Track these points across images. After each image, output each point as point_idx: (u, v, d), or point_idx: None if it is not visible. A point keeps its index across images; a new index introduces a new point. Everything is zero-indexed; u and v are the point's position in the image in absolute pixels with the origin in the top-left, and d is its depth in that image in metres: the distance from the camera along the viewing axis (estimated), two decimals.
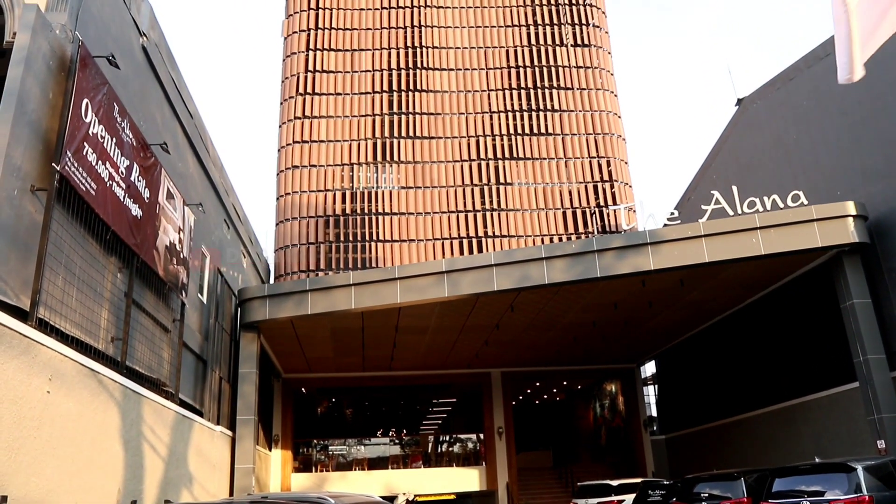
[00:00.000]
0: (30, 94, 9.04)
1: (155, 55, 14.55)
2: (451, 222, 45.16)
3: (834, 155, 21.42)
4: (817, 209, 17.91)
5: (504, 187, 45.91)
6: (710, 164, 29.51)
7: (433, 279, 18.84)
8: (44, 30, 9.48)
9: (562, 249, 18.83)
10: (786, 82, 24.52)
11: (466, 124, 47.17)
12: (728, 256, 17.86)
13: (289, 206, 45.23)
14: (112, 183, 10.89)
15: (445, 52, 48.78)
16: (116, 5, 12.48)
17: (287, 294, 19.52)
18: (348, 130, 46.58)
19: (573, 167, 46.47)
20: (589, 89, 48.19)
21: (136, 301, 12.39)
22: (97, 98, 10.43)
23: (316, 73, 47.55)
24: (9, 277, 8.30)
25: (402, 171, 45.78)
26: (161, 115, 14.93)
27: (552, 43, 49.20)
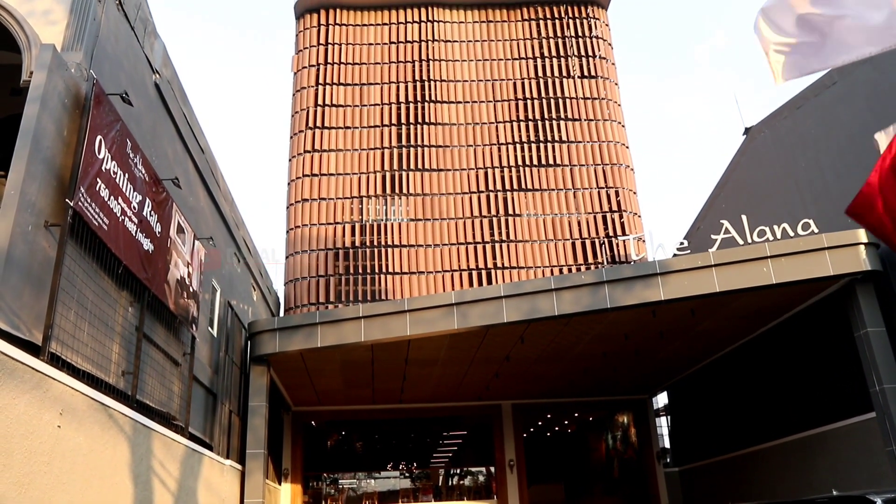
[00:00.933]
0: (45, 131, 9.19)
1: (167, 92, 14.78)
2: (460, 254, 45.21)
3: (844, 183, 21.40)
4: (828, 237, 17.84)
5: (513, 218, 46.00)
6: (718, 193, 29.51)
7: (442, 311, 18.81)
8: (59, 69, 9.67)
9: (571, 281, 18.79)
10: (793, 111, 24.61)
11: (475, 156, 47.46)
12: (739, 286, 17.77)
13: (298, 239, 45.44)
14: (124, 218, 11.00)
15: (453, 85, 49.29)
16: (130, 43, 12.72)
17: (297, 327, 19.52)
18: (357, 163, 46.94)
19: (582, 198, 46.57)
20: (596, 120, 48.48)
21: (147, 335, 12.43)
22: (110, 135, 10.59)
23: (325, 107, 48.07)
24: (22, 312, 8.37)
25: (411, 204, 45.99)
26: (173, 150, 15.12)
27: (559, 75, 49.64)
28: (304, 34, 50.61)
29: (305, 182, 46.37)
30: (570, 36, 50.53)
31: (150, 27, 13.94)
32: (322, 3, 50.56)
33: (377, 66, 49.49)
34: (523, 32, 50.85)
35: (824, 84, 22.79)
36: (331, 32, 50.09)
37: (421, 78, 49.28)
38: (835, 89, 22.08)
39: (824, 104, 22.65)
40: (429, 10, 51.07)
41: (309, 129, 47.51)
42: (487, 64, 50.04)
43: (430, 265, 44.82)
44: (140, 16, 13.24)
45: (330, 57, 49.40)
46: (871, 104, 20.41)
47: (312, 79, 48.88)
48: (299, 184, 46.49)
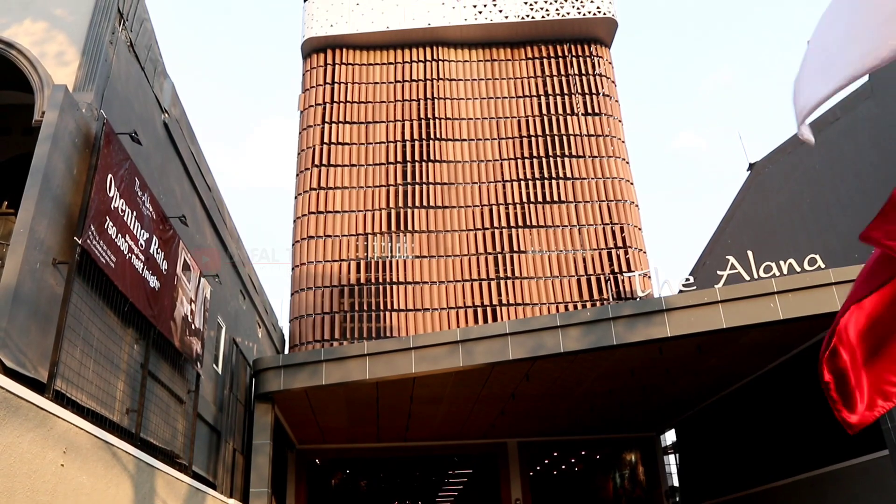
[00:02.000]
0: (55, 170, 9.29)
1: (175, 131, 14.96)
2: (465, 291, 45.16)
3: (849, 218, 21.41)
4: (835, 273, 17.78)
5: (518, 255, 46.03)
6: (724, 228, 29.55)
7: (447, 349, 18.74)
8: (71, 108, 9.82)
9: (577, 318, 18.74)
10: (797, 146, 24.77)
11: (479, 193, 47.69)
12: (746, 322, 17.67)
13: (304, 276, 45.49)
14: (131, 255, 11.06)
15: (458, 122, 49.74)
16: (140, 84, 12.92)
17: (301, 364, 19.46)
18: (363, 201, 47.19)
19: (587, 234, 46.63)
20: (601, 157, 48.77)
21: (151, 372, 12.40)
22: (119, 173, 10.70)
23: (332, 145, 48.52)
24: (28, 350, 8.37)
25: (416, 241, 46.09)
26: (180, 188, 15.25)
27: (563, 112, 50.09)
28: (310, 73, 51.31)
29: (311, 219, 46.60)
30: (573, 74, 51.10)
31: (160, 67, 14.17)
32: (329, 43, 51.35)
33: (383, 105, 50.05)
34: (527, 71, 51.46)
35: (827, 120, 22.94)
36: (337, 71, 50.78)
37: (426, 116, 49.78)
38: (838, 125, 22.22)
39: (828, 140, 22.78)
40: (434, 50, 51.80)
41: (315, 167, 47.89)
42: (492, 102, 50.55)
43: (435, 302, 44.75)
44: (150, 56, 13.47)
45: (336, 96, 50.00)
46: (875, 139, 20.52)
47: (319, 117, 49.42)
48: (305, 221, 46.71)
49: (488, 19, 51.23)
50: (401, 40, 51.56)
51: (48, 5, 11.52)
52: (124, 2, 12.02)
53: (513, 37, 51.97)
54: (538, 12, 51.30)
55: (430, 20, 51.37)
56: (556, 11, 51.17)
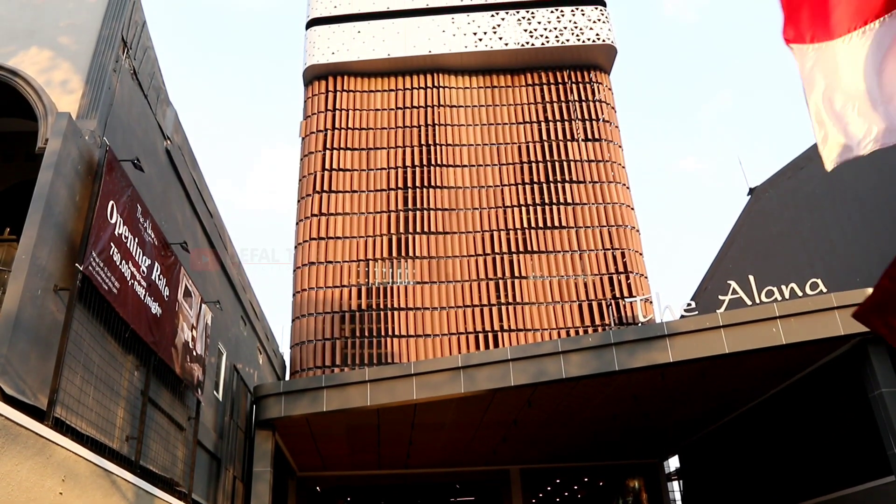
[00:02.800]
0: (58, 197, 9.33)
1: (178, 157, 15.04)
2: (466, 317, 45.05)
3: (850, 241, 21.43)
4: (837, 297, 17.75)
5: (519, 281, 45.99)
6: (725, 253, 29.56)
7: (449, 375, 18.66)
8: (74, 136, 9.88)
9: (578, 343, 18.68)
10: (797, 171, 24.85)
11: (480, 219, 47.78)
12: (748, 347, 17.61)
13: (305, 302, 45.43)
14: (133, 282, 11.06)
15: (459, 149, 49.99)
16: (143, 111, 13.02)
17: (302, 391, 19.36)
18: (364, 227, 47.28)
19: (588, 260, 46.63)
20: (601, 182, 48.93)
21: (152, 399, 12.34)
22: (121, 200, 10.74)
23: (333, 171, 48.72)
24: (28, 377, 8.34)
25: (417, 267, 46.09)
26: (182, 214, 15.29)
27: (563, 138, 50.34)
28: (312, 100, 51.69)
29: (312, 245, 46.65)
30: (573, 100, 51.45)
31: (163, 95, 14.28)
32: (330, 70, 51.79)
33: (384, 131, 50.36)
34: (527, 97, 51.82)
35: None
36: (338, 98, 51.15)
37: (427, 142, 50.04)
38: None
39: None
40: (434, 77, 52.22)
41: (316, 193, 48.05)
42: (492, 128, 50.84)
43: (436, 328, 44.62)
44: (153, 84, 13.59)
45: (337, 122, 50.32)
46: (873, 162, 20.62)
47: (320, 143, 49.69)
48: (306, 247, 46.76)
49: (488, 47, 51.71)
50: (402, 67, 52.00)
51: (54, 34, 11.65)
52: (128, 30, 12.15)
53: (513, 63, 52.42)
54: (538, 39, 51.78)
55: (430, 47, 51.85)
56: (556, 39, 51.65)
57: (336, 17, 53.36)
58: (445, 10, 53.49)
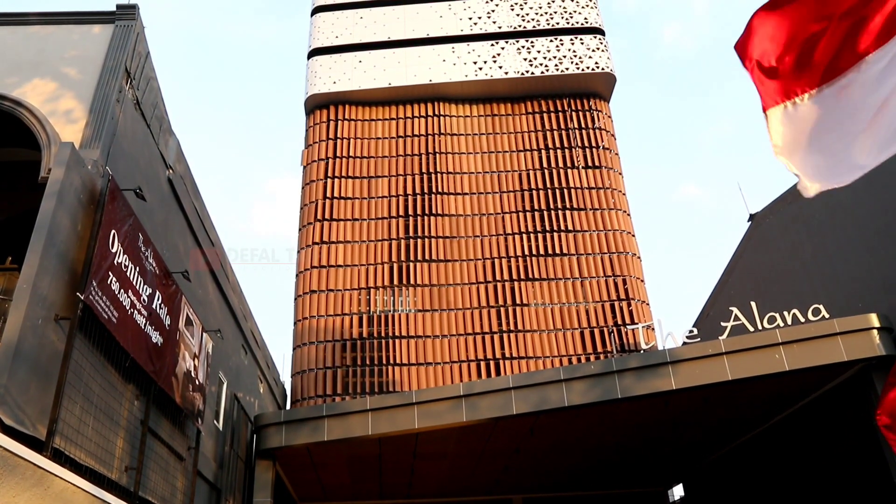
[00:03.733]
0: (60, 226, 9.37)
1: (180, 186, 15.11)
2: (467, 344, 44.89)
3: (852, 267, 21.41)
4: (840, 322, 17.69)
5: (520, 308, 45.89)
6: (726, 280, 29.52)
7: (451, 404, 18.55)
8: (77, 165, 9.95)
9: (581, 371, 18.60)
10: (797, 197, 24.88)
11: (482, 247, 47.81)
12: (751, 374, 17.51)
13: (306, 331, 45.31)
14: (134, 311, 11.05)
15: (460, 177, 50.20)
16: (146, 140, 13.12)
17: (303, 420, 19.23)
18: (365, 255, 47.31)
19: (589, 287, 46.56)
20: (602, 209, 49.04)
21: (151, 429, 12.26)
22: (123, 229, 10.78)
23: (334, 199, 48.89)
24: (27, 407, 8.30)
25: (418, 294, 46.03)
26: (183, 243, 15.32)
27: (564, 165, 50.56)
28: (313, 129, 52.04)
29: (314, 273, 46.64)
30: (573, 128, 51.77)
31: (166, 124, 14.40)
32: (332, 100, 52.21)
33: (385, 160, 50.61)
34: (527, 125, 52.15)
35: None
36: (340, 127, 51.50)
37: (428, 170, 50.27)
38: None
39: (828, 190, 22.91)
40: (435, 105, 52.62)
41: (318, 222, 48.16)
42: (493, 156, 51.10)
43: (437, 356, 44.44)
44: (156, 114, 13.70)
45: (339, 151, 50.60)
46: (871, 188, 20.67)
47: (322, 172, 49.92)
48: (308, 275, 46.75)
49: (488, 75, 52.17)
50: (402, 96, 52.42)
51: (59, 65, 11.79)
52: (132, 61, 12.28)
53: (513, 92, 52.84)
54: (538, 68, 52.25)
55: (431, 76, 52.31)
56: (556, 67, 52.12)
57: (337, 46, 53.94)
58: (446, 40, 54.06)
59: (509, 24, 54.61)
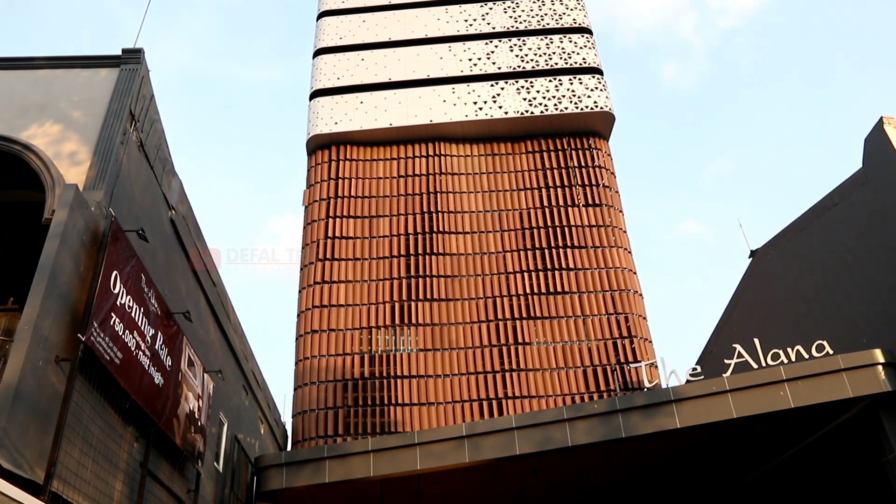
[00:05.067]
0: (62, 267, 9.39)
1: (182, 227, 15.18)
2: (470, 384, 44.56)
3: (854, 303, 21.36)
4: (844, 359, 17.59)
5: (522, 347, 45.66)
6: (728, 316, 29.43)
7: (453, 444, 18.35)
8: (80, 207, 10.01)
9: (584, 410, 18.45)
10: (797, 233, 24.95)
11: (483, 286, 47.77)
12: (756, 411, 17.36)
13: (307, 371, 45.03)
14: (137, 352, 11.02)
15: (461, 216, 50.38)
16: (149, 181, 13.22)
17: (304, 462, 19.01)
18: (366, 294, 47.24)
19: (591, 325, 46.38)
20: (602, 247, 49.08)
21: (151, 471, 12.13)
22: (126, 270, 10.80)
23: (335, 239, 49.01)
24: (25, 450, 8.23)
25: (419, 334, 45.86)
26: (185, 283, 15.34)
27: (564, 204, 50.76)
28: (315, 169, 52.40)
29: (315, 313, 46.53)
30: (573, 166, 52.11)
31: (169, 166, 14.52)
32: (333, 140, 52.68)
33: (386, 199, 50.86)
34: (528, 164, 52.50)
35: (825, 206, 23.23)
36: (341, 167, 51.86)
37: (429, 210, 50.48)
38: (836, 211, 22.47)
39: (827, 225, 22.99)
40: (436, 145, 53.05)
41: (319, 261, 48.22)
42: (494, 195, 51.35)
43: (440, 396, 44.08)
44: (159, 156, 13.84)
45: (340, 190, 50.88)
46: (872, 224, 20.74)
47: (323, 212, 50.13)
48: (309, 315, 46.64)
49: (489, 115, 52.70)
50: (403, 136, 52.89)
51: (65, 108, 11.95)
52: (136, 104, 12.45)
53: (513, 131, 53.31)
54: (537, 108, 52.81)
55: (431, 117, 52.86)
56: (555, 107, 52.67)
57: (339, 88, 54.61)
58: (446, 81, 54.74)
59: (509, 64, 55.37)
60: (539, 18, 58.27)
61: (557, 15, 57.93)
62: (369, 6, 58.95)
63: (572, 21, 57.56)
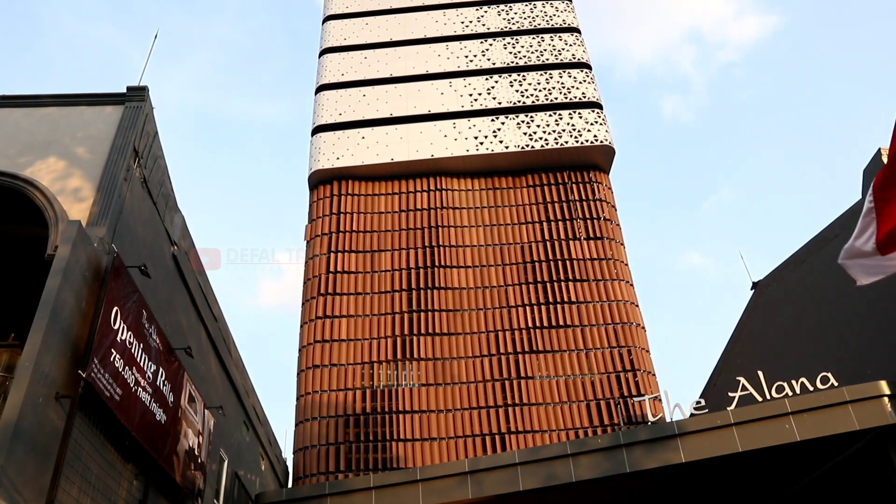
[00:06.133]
0: (64, 304, 9.40)
1: (184, 262, 15.22)
2: (472, 419, 44.20)
3: (858, 333, 21.27)
4: (849, 390, 17.46)
5: (525, 381, 45.37)
6: (731, 348, 29.28)
7: (456, 480, 18.15)
8: (83, 243, 10.06)
9: (588, 445, 18.27)
10: (799, 264, 24.93)
11: (485, 320, 47.64)
12: (762, 445, 17.19)
13: (309, 406, 44.72)
14: (138, 388, 10.98)
15: (462, 250, 50.45)
16: (152, 217, 13.29)
17: (305, 499, 18.78)
18: (369, 329, 47.12)
19: (594, 358, 46.15)
20: (604, 280, 49.04)
21: None
22: (127, 305, 10.81)
23: (337, 273, 49.04)
24: (24, 488, 8.15)
25: (422, 368, 45.63)
26: (187, 319, 15.32)
27: (565, 237, 50.85)
28: (317, 204, 52.63)
29: (317, 348, 46.36)
30: (574, 200, 52.31)
31: (171, 202, 14.61)
32: (335, 175, 52.99)
33: (388, 234, 50.99)
34: (529, 198, 52.72)
35: (826, 238, 23.27)
36: (343, 202, 52.10)
37: (430, 244, 50.57)
38: (838, 241, 22.48)
39: (830, 256, 22.98)
40: (437, 180, 53.35)
41: (321, 296, 48.18)
42: (495, 229, 51.48)
43: (442, 431, 43.70)
44: (162, 192, 13.93)
45: (342, 225, 51.05)
46: None
47: (325, 246, 50.22)
48: (310, 350, 46.46)
49: (489, 150, 53.09)
50: (405, 171, 53.20)
51: (70, 144, 12.07)
52: (140, 140, 12.57)
53: (514, 165, 53.64)
54: (537, 142, 53.20)
55: (433, 151, 53.26)
56: (555, 141, 53.07)
57: (341, 123, 55.12)
58: (447, 116, 55.29)
59: (509, 99, 55.93)
60: (539, 54, 59.06)
61: (557, 51, 58.68)
62: (371, 43, 59.79)
63: (571, 56, 58.28)
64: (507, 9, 62.25)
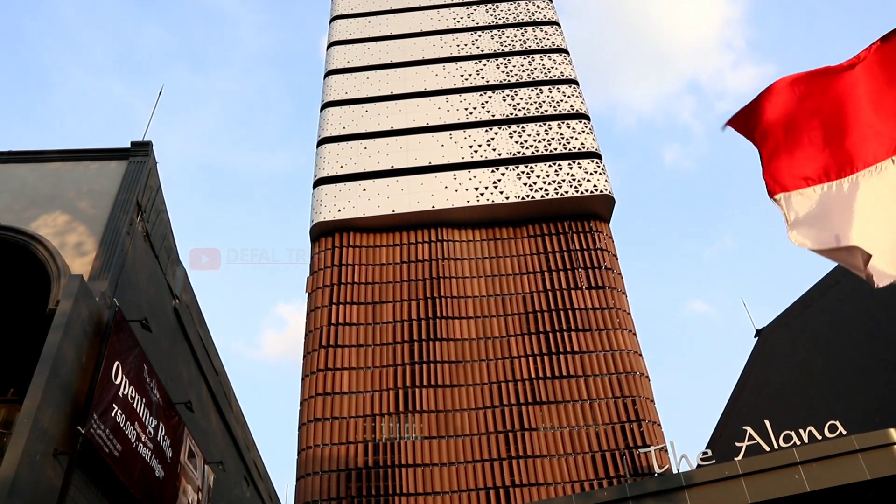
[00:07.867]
0: (65, 358, 9.36)
1: (185, 315, 15.20)
2: (476, 472, 43.46)
3: (865, 379, 21.09)
4: (858, 439, 17.21)
5: (529, 433, 44.76)
6: (737, 397, 28.99)
7: None
8: (85, 298, 10.06)
9: (594, 498, 17.97)
10: (802, 311, 24.87)
11: (488, 371, 47.24)
12: (771, 496, 16.88)
13: (310, 460, 44.02)
14: (138, 444, 10.85)
15: (464, 301, 50.33)
16: (154, 271, 13.32)
17: None
18: (370, 381, 46.70)
19: (598, 409, 45.61)
20: (607, 329, 48.78)
21: None
22: (128, 360, 10.76)
23: (339, 325, 48.85)
24: None
25: (424, 421, 45.05)
26: (188, 372, 15.24)
27: (567, 287, 50.78)
28: (318, 256, 52.71)
29: (318, 401, 45.87)
30: (575, 249, 52.38)
31: (174, 255, 14.66)
32: (336, 227, 53.19)
33: (389, 285, 50.92)
34: (530, 248, 52.81)
35: (828, 284, 23.24)
36: (345, 254, 52.18)
37: (432, 295, 50.47)
38: (839, 288, 22.47)
39: (833, 302, 22.96)
40: (438, 231, 53.54)
41: (322, 348, 47.91)
42: (497, 279, 51.45)
43: (445, 485, 42.92)
44: (165, 245, 13.99)
45: (344, 277, 51.03)
46: (879, 299, 20.69)
47: (326, 299, 50.13)
48: (312, 402, 45.96)
49: (490, 200, 53.39)
50: (406, 222, 53.43)
51: (74, 199, 12.17)
52: (143, 195, 12.68)
53: (514, 216, 53.88)
54: (538, 192, 53.56)
55: (434, 203, 53.57)
56: (555, 191, 53.42)
57: (342, 176, 55.57)
58: (447, 167, 55.77)
59: (509, 150, 56.50)
60: (538, 106, 59.95)
61: (555, 102, 59.58)
62: (372, 96, 60.69)
63: (570, 108, 59.12)
64: (506, 62, 63.42)
